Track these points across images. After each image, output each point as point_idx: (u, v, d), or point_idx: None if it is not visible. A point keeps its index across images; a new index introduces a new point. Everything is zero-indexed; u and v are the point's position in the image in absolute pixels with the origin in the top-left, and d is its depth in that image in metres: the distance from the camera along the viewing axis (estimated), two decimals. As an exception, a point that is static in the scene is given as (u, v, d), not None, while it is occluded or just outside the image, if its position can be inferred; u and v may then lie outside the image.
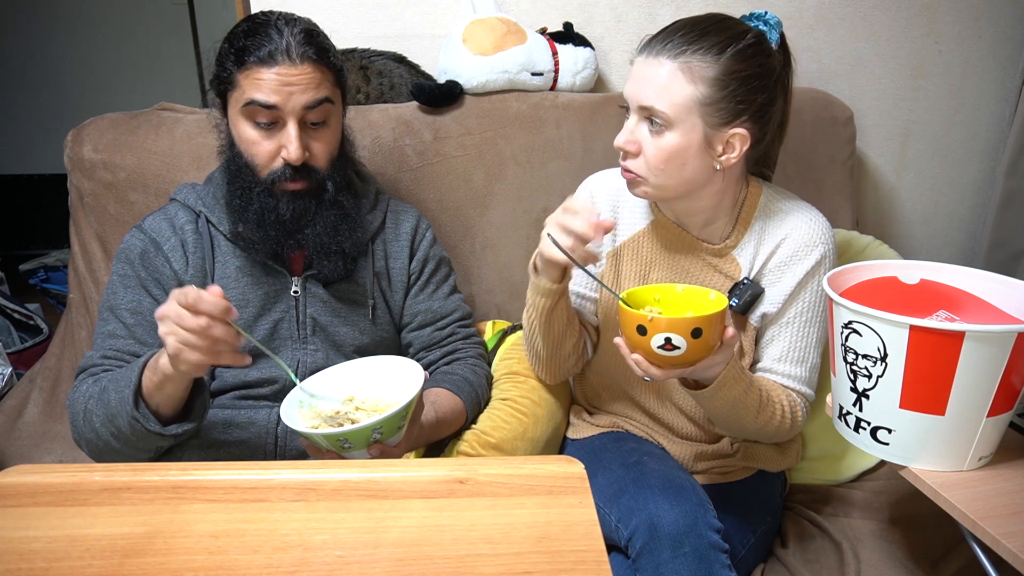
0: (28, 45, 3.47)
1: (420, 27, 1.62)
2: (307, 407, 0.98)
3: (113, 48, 3.50)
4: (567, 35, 1.57)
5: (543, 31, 1.57)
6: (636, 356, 0.96)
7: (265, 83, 1.04)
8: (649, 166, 1.05)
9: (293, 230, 1.11)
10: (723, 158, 1.05)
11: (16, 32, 3.45)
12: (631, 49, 1.64)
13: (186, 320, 0.87)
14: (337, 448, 0.91)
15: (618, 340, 0.99)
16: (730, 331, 0.96)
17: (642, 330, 0.92)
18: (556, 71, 1.54)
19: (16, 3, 3.39)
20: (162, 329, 0.89)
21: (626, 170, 1.08)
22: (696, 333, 0.91)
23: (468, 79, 1.49)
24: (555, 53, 1.54)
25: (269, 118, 1.06)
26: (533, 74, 1.52)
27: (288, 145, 1.06)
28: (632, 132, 1.06)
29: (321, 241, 1.13)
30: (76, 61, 3.51)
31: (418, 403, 1.00)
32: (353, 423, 0.92)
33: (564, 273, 1.08)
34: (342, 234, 1.14)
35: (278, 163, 1.08)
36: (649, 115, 1.04)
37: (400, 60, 1.56)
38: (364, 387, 1.01)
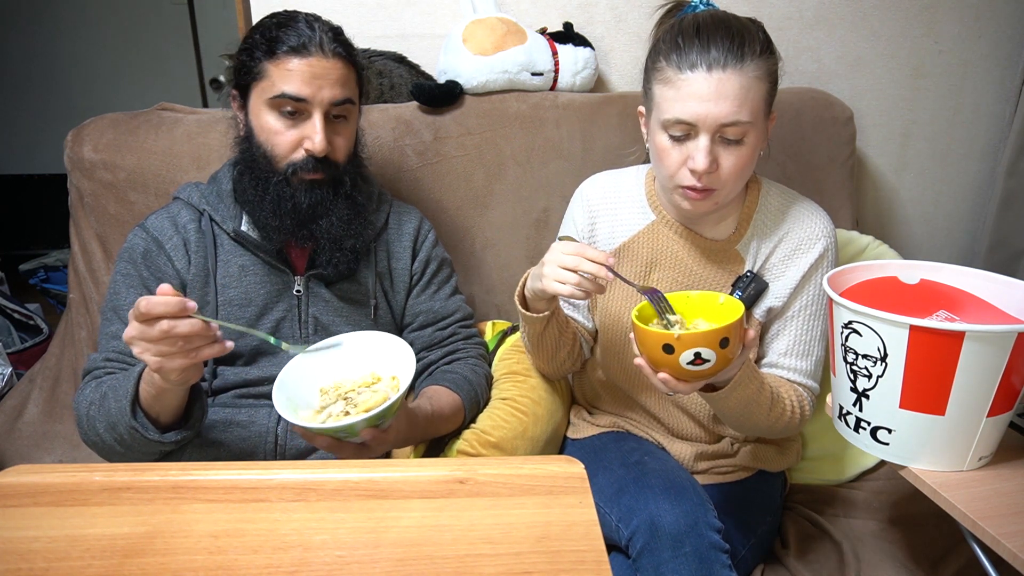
0: (28, 45, 3.48)
1: (420, 27, 1.62)
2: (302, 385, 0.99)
3: (113, 48, 3.50)
4: (567, 35, 1.57)
5: (543, 31, 1.57)
6: (663, 375, 0.94)
7: (296, 73, 1.05)
8: (729, 177, 1.03)
9: (308, 219, 1.11)
10: (764, 145, 1.08)
11: (16, 32, 3.45)
12: (631, 49, 1.67)
13: (148, 332, 0.86)
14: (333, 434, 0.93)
15: (639, 361, 0.96)
16: (751, 333, 0.95)
17: (669, 348, 0.89)
18: (556, 71, 1.54)
19: (17, 3, 3.40)
20: (136, 351, 0.88)
21: (698, 190, 1.04)
22: (724, 343, 0.89)
23: (468, 79, 1.49)
24: (555, 53, 1.53)
25: (295, 108, 1.07)
26: (533, 74, 1.52)
27: (313, 136, 1.07)
28: (710, 152, 1.01)
29: (334, 233, 1.13)
30: (76, 61, 3.51)
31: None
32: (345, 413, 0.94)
33: (552, 298, 1.09)
34: (354, 228, 1.15)
35: (299, 154, 1.09)
36: (729, 129, 1.00)
37: (400, 60, 1.56)
38: (357, 367, 1.01)
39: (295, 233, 1.12)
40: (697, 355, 0.89)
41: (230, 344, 0.92)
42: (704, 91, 0.99)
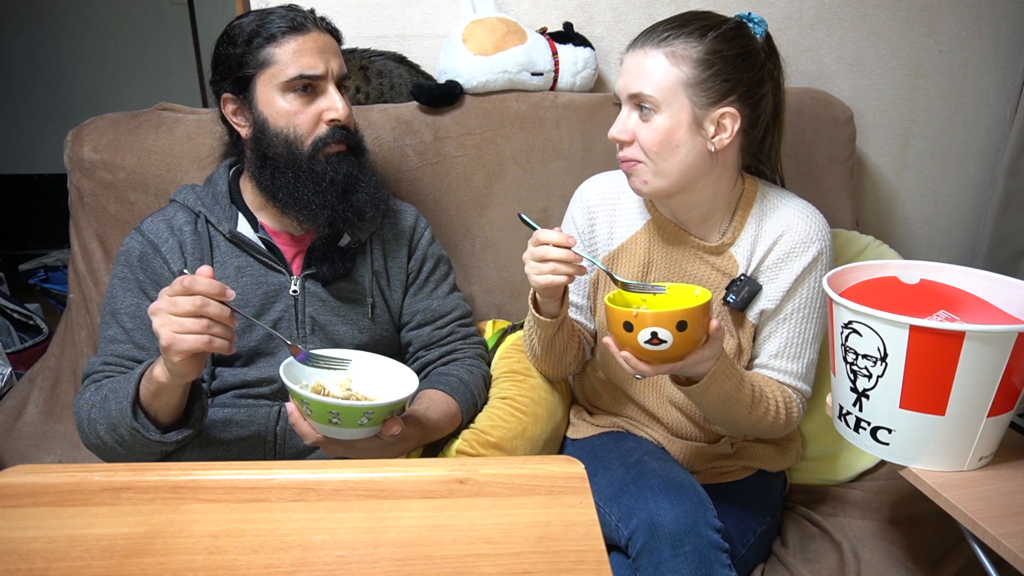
0: (28, 45, 3.48)
1: (420, 27, 1.62)
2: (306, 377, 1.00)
3: (113, 48, 3.50)
4: (567, 35, 1.57)
5: (543, 31, 1.57)
6: (624, 353, 0.98)
7: (305, 51, 1.08)
8: (644, 150, 1.07)
9: (346, 190, 1.12)
10: (716, 139, 1.07)
11: (16, 32, 3.45)
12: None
13: (180, 304, 0.88)
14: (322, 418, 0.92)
15: (606, 339, 1.00)
16: (714, 323, 0.96)
17: (628, 326, 0.94)
18: (556, 71, 1.54)
19: (16, 3, 3.39)
20: (156, 323, 0.89)
21: (624, 160, 1.10)
22: (681, 326, 0.92)
23: (468, 79, 1.49)
24: (555, 53, 1.53)
25: (310, 84, 1.09)
26: (533, 74, 1.52)
27: (335, 105, 1.10)
28: (624, 122, 1.08)
29: (372, 200, 1.15)
30: (76, 61, 3.51)
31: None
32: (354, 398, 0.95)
33: (563, 302, 1.11)
34: (381, 197, 1.17)
35: (321, 128, 1.11)
36: (638, 102, 1.06)
37: (400, 60, 1.56)
38: (360, 378, 1.03)
39: (336, 208, 1.12)
40: (654, 334, 0.93)
41: (234, 349, 0.94)
42: (625, 67, 1.10)
